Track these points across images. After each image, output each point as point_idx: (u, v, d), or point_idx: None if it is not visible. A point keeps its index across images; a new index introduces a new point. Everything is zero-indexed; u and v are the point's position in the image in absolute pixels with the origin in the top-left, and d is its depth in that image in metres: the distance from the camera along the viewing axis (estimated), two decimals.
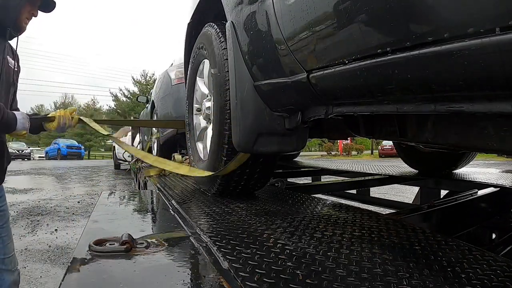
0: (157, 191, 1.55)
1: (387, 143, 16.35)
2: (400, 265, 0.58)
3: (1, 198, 1.48)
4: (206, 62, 1.41)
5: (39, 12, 1.40)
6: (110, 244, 0.65)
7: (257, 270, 0.54)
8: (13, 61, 1.40)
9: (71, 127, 1.51)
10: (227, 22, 1.08)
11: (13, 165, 15.22)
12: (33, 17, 1.37)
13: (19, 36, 1.39)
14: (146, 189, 2.41)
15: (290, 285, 0.49)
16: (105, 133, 1.76)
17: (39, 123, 1.44)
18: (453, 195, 1.66)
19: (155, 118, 3.78)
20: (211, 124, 1.34)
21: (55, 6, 1.42)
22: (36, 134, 1.45)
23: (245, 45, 0.98)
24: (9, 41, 1.39)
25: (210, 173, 1.22)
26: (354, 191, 2.49)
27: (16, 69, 1.41)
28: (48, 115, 1.48)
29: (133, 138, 6.14)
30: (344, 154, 23.15)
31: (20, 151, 23.98)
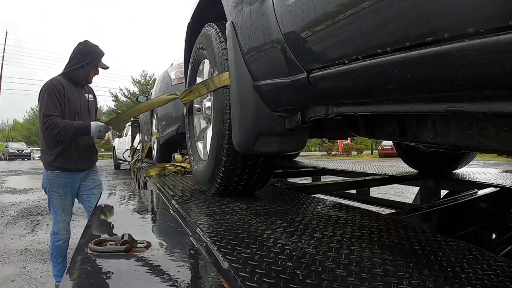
0: (157, 191, 1.55)
1: (387, 143, 16.36)
2: (400, 265, 0.58)
3: (97, 174, 2.30)
4: (206, 62, 1.41)
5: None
6: (110, 244, 0.65)
7: (257, 270, 0.54)
8: (90, 95, 2.19)
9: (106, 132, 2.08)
10: (227, 22, 1.08)
11: (13, 165, 15.23)
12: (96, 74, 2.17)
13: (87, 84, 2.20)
14: (146, 189, 2.41)
15: (290, 285, 0.49)
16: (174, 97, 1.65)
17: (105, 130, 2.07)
18: (453, 195, 1.66)
19: (155, 118, 3.77)
20: (211, 124, 1.34)
21: (108, 67, 2.17)
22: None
23: (245, 45, 0.98)
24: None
25: None
26: (354, 191, 2.49)
27: (92, 100, 2.20)
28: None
29: (133, 138, 6.13)
30: (344, 154, 23.17)
31: (20, 151, 23.91)
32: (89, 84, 2.21)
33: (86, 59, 2.05)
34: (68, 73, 2.07)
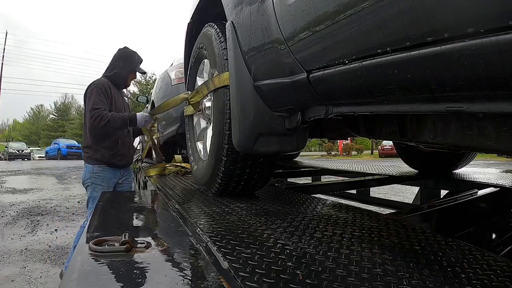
0: (157, 191, 1.55)
1: (387, 143, 16.36)
2: (400, 265, 0.57)
3: (129, 174, 2.44)
4: (206, 62, 1.41)
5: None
6: (110, 244, 0.65)
7: (257, 270, 0.54)
8: (126, 98, 2.39)
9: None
10: (227, 22, 1.08)
11: (13, 165, 15.21)
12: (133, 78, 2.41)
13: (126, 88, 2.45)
14: (146, 189, 2.41)
15: (290, 285, 0.49)
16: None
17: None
18: (453, 195, 1.66)
19: (155, 118, 3.77)
20: (211, 124, 1.34)
21: (146, 72, 2.44)
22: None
23: (245, 45, 0.98)
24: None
25: None
26: (354, 191, 2.49)
27: (127, 102, 2.42)
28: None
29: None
30: (344, 154, 23.17)
31: (20, 151, 23.85)
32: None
33: (124, 64, 2.22)
34: (109, 77, 2.23)
